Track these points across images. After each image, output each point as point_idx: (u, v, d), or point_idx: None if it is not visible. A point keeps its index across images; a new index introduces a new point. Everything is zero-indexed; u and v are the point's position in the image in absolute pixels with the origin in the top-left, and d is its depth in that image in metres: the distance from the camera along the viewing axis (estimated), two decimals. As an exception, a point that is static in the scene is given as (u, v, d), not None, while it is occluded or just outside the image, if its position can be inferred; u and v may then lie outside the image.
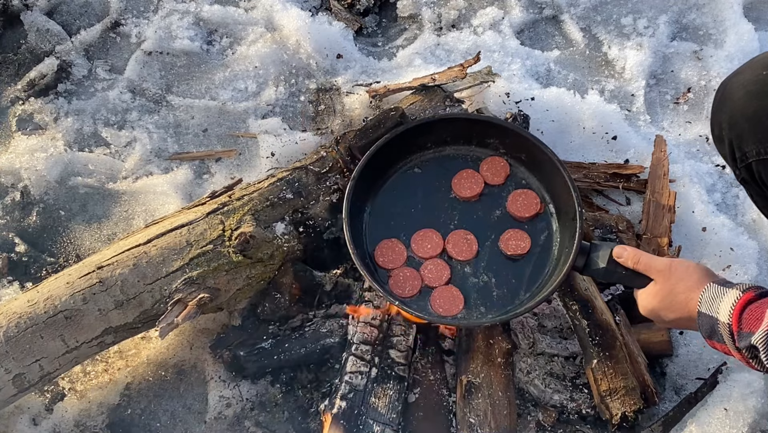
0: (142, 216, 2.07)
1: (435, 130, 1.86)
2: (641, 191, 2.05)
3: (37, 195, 2.11)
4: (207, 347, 1.87)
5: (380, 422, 1.69)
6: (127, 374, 1.88)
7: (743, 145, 1.50)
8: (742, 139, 1.50)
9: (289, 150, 2.07)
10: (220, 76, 2.28)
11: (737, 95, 1.50)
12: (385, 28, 2.47)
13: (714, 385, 1.77)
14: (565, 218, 1.76)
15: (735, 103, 1.51)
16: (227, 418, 1.82)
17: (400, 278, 1.75)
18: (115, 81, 2.29)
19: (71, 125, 2.20)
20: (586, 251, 1.65)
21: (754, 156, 1.49)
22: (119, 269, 1.72)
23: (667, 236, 1.95)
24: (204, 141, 2.20)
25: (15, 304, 1.71)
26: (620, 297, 1.84)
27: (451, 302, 1.73)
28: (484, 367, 1.74)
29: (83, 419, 1.82)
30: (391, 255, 1.79)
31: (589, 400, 1.77)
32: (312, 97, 2.23)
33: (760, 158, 1.48)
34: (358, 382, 1.72)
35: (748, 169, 1.52)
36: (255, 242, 1.75)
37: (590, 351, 1.74)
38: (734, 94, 1.51)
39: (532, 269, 1.77)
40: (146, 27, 2.35)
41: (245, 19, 2.37)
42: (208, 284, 1.73)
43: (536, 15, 2.45)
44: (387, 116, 1.85)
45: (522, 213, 1.81)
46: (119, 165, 2.16)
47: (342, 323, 1.82)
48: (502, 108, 2.13)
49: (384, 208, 1.84)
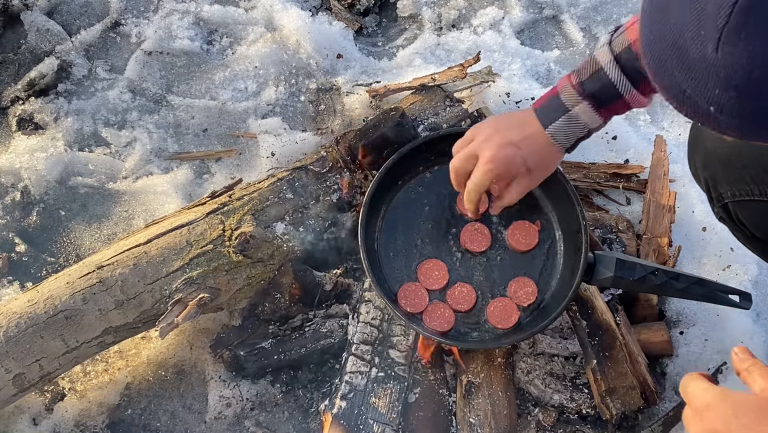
0: (142, 216, 2.07)
1: (441, 145, 1.78)
2: (641, 191, 2.05)
3: (37, 195, 2.11)
4: (207, 347, 1.87)
5: (380, 422, 1.69)
6: (127, 374, 1.88)
7: (718, 186, 1.49)
8: (717, 180, 1.49)
9: (289, 150, 2.07)
10: (220, 76, 2.28)
11: (709, 136, 1.48)
12: (385, 28, 2.47)
13: (714, 385, 1.77)
14: (569, 229, 1.74)
15: (708, 144, 1.50)
16: (227, 418, 1.82)
17: (434, 315, 1.72)
18: (115, 81, 2.29)
19: (71, 125, 2.20)
20: (591, 262, 1.65)
21: (730, 197, 1.47)
22: (119, 269, 1.72)
23: (667, 236, 1.95)
24: (204, 141, 2.20)
25: (15, 304, 1.71)
26: (620, 297, 1.84)
27: (507, 316, 1.72)
28: (484, 367, 1.74)
29: (83, 419, 1.82)
30: (413, 298, 1.73)
31: (589, 400, 1.77)
32: (312, 97, 2.23)
33: (735, 200, 1.47)
34: (358, 382, 1.72)
35: (725, 208, 1.51)
36: (255, 242, 1.75)
37: (590, 351, 1.74)
38: (706, 135, 1.49)
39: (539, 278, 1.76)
40: (146, 27, 2.35)
41: (245, 19, 2.37)
42: (208, 284, 1.73)
43: (536, 15, 2.45)
44: (387, 116, 1.85)
45: (522, 247, 1.76)
46: (119, 165, 2.16)
47: (342, 323, 1.83)
48: (502, 108, 2.13)
49: (392, 235, 1.78)
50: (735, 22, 0.82)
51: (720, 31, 0.83)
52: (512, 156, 1.52)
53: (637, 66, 1.40)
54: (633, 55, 1.40)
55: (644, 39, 0.94)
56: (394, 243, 1.77)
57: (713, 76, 0.86)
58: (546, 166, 1.58)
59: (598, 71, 1.44)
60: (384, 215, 1.79)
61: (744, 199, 1.45)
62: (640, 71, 1.40)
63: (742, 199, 1.45)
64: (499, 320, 1.71)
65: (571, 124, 1.49)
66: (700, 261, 1.95)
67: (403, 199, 1.80)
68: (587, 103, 1.46)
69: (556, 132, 1.50)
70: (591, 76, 1.45)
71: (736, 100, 0.86)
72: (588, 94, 1.45)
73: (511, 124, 1.54)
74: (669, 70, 0.90)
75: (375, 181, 1.76)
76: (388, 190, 1.80)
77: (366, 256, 1.69)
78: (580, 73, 1.46)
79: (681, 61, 0.88)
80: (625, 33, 1.42)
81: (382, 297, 1.68)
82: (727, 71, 0.85)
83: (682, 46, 0.88)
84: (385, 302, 1.68)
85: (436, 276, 1.74)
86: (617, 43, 1.42)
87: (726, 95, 0.86)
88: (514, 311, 1.72)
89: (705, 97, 0.88)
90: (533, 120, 1.51)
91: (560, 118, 1.49)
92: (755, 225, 1.48)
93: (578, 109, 1.47)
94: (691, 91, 0.89)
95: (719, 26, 0.83)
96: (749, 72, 0.84)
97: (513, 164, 1.54)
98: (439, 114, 1.97)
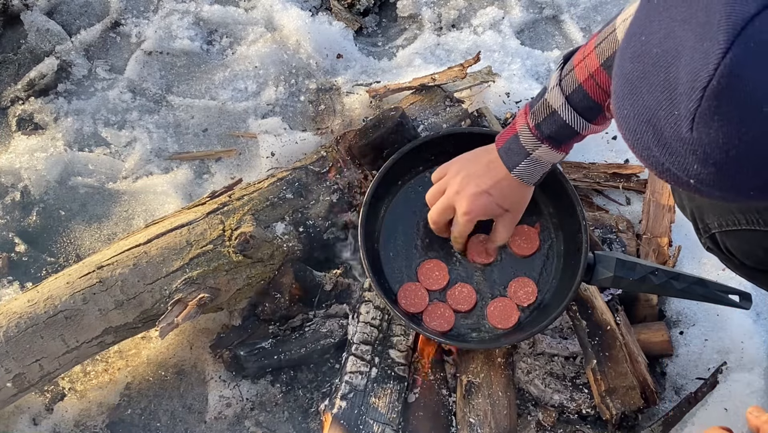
0: (142, 216, 2.07)
1: (441, 145, 1.79)
2: (641, 191, 2.05)
3: (37, 195, 2.11)
4: (207, 347, 1.87)
5: (380, 421, 1.69)
6: (127, 374, 1.88)
7: (704, 217, 1.49)
8: (703, 211, 1.48)
9: (289, 150, 2.07)
10: (220, 76, 2.28)
11: None
12: (385, 28, 2.47)
13: (714, 385, 1.77)
14: (569, 229, 1.74)
15: None
16: (227, 418, 1.82)
17: (434, 315, 1.72)
18: (115, 81, 2.29)
19: (71, 125, 2.20)
20: (591, 262, 1.65)
21: (717, 228, 1.47)
22: (119, 269, 1.72)
23: (667, 236, 1.95)
24: (204, 141, 2.20)
25: (15, 304, 1.71)
26: (620, 297, 1.84)
27: (506, 316, 1.72)
28: (484, 367, 1.74)
29: (83, 419, 1.82)
30: (413, 298, 1.73)
31: (589, 400, 1.77)
32: (312, 97, 2.23)
33: (722, 230, 1.46)
34: (358, 382, 1.72)
35: (712, 239, 1.51)
36: (255, 242, 1.75)
37: (590, 351, 1.74)
38: None
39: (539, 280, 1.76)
40: (146, 27, 2.35)
41: (245, 19, 2.37)
42: (208, 284, 1.73)
43: (536, 15, 2.45)
44: (387, 116, 1.85)
45: (526, 252, 1.76)
46: (119, 165, 2.16)
47: (342, 323, 1.83)
48: (502, 108, 2.13)
49: (392, 235, 1.78)
50: (707, 105, 0.81)
51: (693, 113, 0.83)
52: (487, 203, 1.59)
53: (589, 103, 1.42)
54: (583, 95, 1.42)
55: (618, 113, 0.93)
56: (394, 243, 1.77)
57: (690, 154, 0.85)
58: (520, 202, 1.63)
59: (552, 114, 1.46)
60: (384, 215, 1.79)
61: (731, 229, 1.45)
62: (592, 107, 1.43)
63: (729, 229, 1.45)
64: (499, 320, 1.72)
65: (534, 165, 1.53)
66: (700, 261, 1.95)
67: (403, 199, 1.80)
68: (547, 145, 1.49)
69: (521, 174, 1.54)
70: (546, 119, 1.47)
71: (716, 176, 0.86)
72: (545, 137, 1.48)
73: (479, 169, 1.58)
74: (646, 144, 0.90)
75: (375, 181, 1.75)
76: (388, 191, 1.80)
77: (366, 256, 1.69)
78: (536, 115, 1.48)
79: (657, 138, 0.88)
80: (575, 71, 1.42)
81: (382, 297, 1.68)
82: (704, 149, 0.84)
83: (656, 124, 0.87)
84: (385, 302, 1.68)
85: (437, 276, 1.74)
86: (567, 83, 1.44)
87: (705, 171, 0.86)
88: (514, 311, 1.72)
89: (684, 171, 0.88)
90: (499, 164, 1.55)
91: (523, 162, 1.53)
92: (744, 254, 1.48)
93: (539, 152, 1.51)
94: (670, 165, 0.89)
95: (691, 109, 0.83)
96: (726, 151, 0.83)
97: (489, 210, 1.61)
98: (439, 114, 1.97)
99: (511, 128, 1.54)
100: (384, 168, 1.76)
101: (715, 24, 0.81)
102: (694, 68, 0.82)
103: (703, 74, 0.81)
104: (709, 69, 0.80)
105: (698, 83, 0.81)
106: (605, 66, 1.37)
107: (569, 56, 1.46)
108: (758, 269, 1.49)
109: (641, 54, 0.88)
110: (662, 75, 0.85)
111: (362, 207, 1.73)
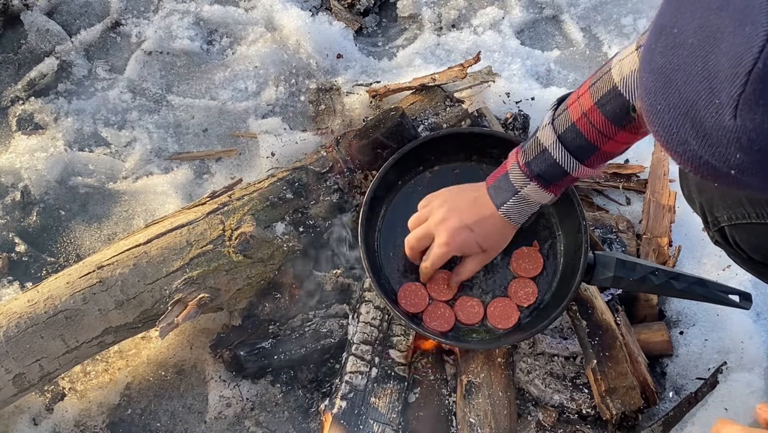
0: (142, 216, 2.07)
1: (441, 145, 1.80)
2: (641, 191, 2.05)
3: (37, 195, 2.11)
4: (207, 347, 1.87)
5: (380, 421, 1.69)
6: (127, 374, 1.88)
7: (714, 210, 1.48)
8: (713, 204, 1.48)
9: (289, 150, 2.07)
10: (220, 76, 2.28)
11: None
12: (385, 28, 2.47)
13: (714, 385, 1.77)
14: (569, 229, 1.75)
15: None
16: (227, 418, 1.82)
17: (435, 314, 1.72)
18: (115, 81, 2.29)
19: (71, 125, 2.20)
20: (591, 262, 1.65)
21: (726, 221, 1.46)
22: (119, 269, 1.72)
23: (667, 236, 1.95)
24: (204, 141, 2.20)
25: (15, 304, 1.71)
26: (620, 297, 1.84)
27: (507, 316, 1.72)
28: (484, 367, 1.74)
29: (83, 419, 1.82)
30: (414, 298, 1.73)
31: (589, 400, 1.77)
32: (312, 97, 2.23)
33: (732, 223, 1.46)
34: (359, 382, 1.72)
35: (721, 232, 1.50)
36: (255, 242, 1.75)
37: (590, 351, 1.74)
38: None
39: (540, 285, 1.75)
40: (146, 27, 2.35)
41: (245, 19, 2.37)
42: (208, 284, 1.73)
43: (536, 15, 2.45)
44: (387, 116, 1.85)
45: (533, 273, 1.75)
46: (119, 165, 2.16)
47: (342, 323, 1.83)
48: (502, 108, 2.13)
49: (392, 235, 1.78)
50: (751, 90, 0.80)
51: (736, 100, 0.81)
52: (467, 239, 1.59)
53: (582, 142, 1.42)
54: (576, 133, 1.42)
55: (650, 110, 0.92)
56: (394, 243, 1.77)
57: (734, 142, 0.84)
58: (499, 244, 1.65)
59: (543, 152, 1.47)
60: (384, 215, 1.80)
61: (741, 223, 1.44)
62: (584, 146, 1.43)
63: (739, 223, 1.44)
64: (499, 320, 1.72)
65: (522, 204, 1.54)
66: (700, 261, 1.95)
67: (403, 199, 1.80)
68: (535, 183, 1.50)
69: (508, 211, 1.55)
70: (536, 158, 1.48)
71: (759, 163, 0.85)
72: (535, 175, 1.49)
73: (465, 203, 1.59)
74: (682, 138, 0.88)
75: (375, 181, 1.76)
76: (388, 191, 1.80)
77: (366, 256, 1.69)
78: (527, 153, 1.49)
79: (696, 130, 0.86)
80: (568, 111, 1.43)
81: (382, 297, 1.69)
82: (748, 136, 0.83)
83: (694, 115, 0.85)
84: (385, 302, 1.68)
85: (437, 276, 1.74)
86: (560, 123, 1.44)
87: (749, 159, 0.85)
88: (514, 311, 1.72)
89: (725, 162, 0.86)
90: (486, 200, 1.56)
91: (511, 199, 1.54)
92: (753, 248, 1.48)
93: (528, 190, 1.51)
94: (709, 157, 0.87)
95: (734, 95, 0.81)
96: None
97: (467, 246, 1.61)
98: (439, 114, 1.97)
99: (501, 168, 1.56)
100: (384, 168, 1.76)
101: (756, 8, 0.80)
102: (737, 53, 0.81)
103: (746, 58, 0.80)
104: (754, 52, 0.79)
105: (742, 68, 0.80)
106: (599, 104, 1.38)
107: (563, 98, 1.46)
108: (766, 264, 1.49)
109: (675, 46, 0.87)
110: (700, 64, 0.84)
111: (362, 207, 1.73)
